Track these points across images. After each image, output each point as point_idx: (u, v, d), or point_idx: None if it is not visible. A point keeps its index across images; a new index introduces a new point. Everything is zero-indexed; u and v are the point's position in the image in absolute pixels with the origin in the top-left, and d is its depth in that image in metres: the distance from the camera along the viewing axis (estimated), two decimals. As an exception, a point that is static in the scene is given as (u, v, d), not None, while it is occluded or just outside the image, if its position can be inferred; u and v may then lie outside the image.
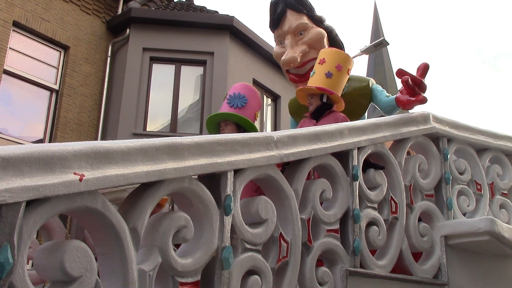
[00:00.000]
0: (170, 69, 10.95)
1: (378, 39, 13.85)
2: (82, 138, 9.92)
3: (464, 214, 3.61)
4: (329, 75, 3.59)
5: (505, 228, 3.28)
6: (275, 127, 12.26)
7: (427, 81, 3.56)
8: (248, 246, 2.24)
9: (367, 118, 4.07)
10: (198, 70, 11.10)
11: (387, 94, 4.05)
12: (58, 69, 10.14)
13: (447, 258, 3.28)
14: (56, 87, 9.99)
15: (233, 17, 11.15)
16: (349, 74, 3.80)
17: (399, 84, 3.65)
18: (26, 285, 1.46)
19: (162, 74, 10.90)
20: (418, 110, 3.67)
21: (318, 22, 4.34)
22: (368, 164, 3.11)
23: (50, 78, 9.98)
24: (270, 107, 12.60)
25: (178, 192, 2.02)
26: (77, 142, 1.70)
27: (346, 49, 4.48)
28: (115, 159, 1.74)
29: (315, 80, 3.64)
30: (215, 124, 3.65)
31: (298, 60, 4.13)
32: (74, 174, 1.58)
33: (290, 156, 2.55)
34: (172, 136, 9.67)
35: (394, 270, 3.03)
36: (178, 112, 10.83)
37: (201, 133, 10.21)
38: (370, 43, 13.50)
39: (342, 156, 2.93)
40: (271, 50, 4.78)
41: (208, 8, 11.90)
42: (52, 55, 10.09)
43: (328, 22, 4.44)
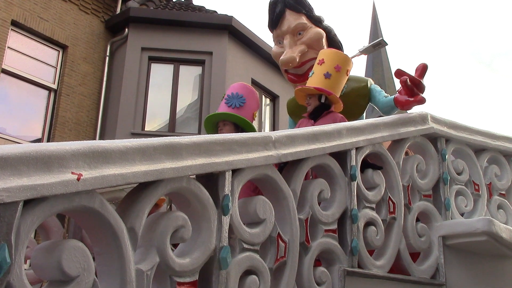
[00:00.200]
0: (169, 68, 10.94)
1: (377, 40, 13.87)
2: (80, 138, 9.90)
3: (462, 215, 3.62)
4: (327, 76, 3.60)
5: (502, 228, 3.28)
6: (274, 127, 12.25)
7: (426, 81, 3.57)
8: (246, 246, 2.24)
9: (366, 118, 4.07)
10: (196, 70, 11.09)
11: (386, 94, 4.05)
12: (57, 68, 10.12)
13: (445, 259, 3.28)
14: (54, 87, 9.98)
15: (231, 17, 11.15)
16: (348, 75, 3.80)
17: (398, 84, 3.66)
18: (23, 284, 1.46)
19: (161, 73, 10.89)
20: (416, 110, 3.68)
21: (317, 22, 4.34)
22: (366, 164, 3.11)
23: (49, 77, 9.96)
24: (268, 107, 12.60)
25: (176, 191, 2.02)
26: (75, 141, 1.69)
27: (344, 49, 4.48)
28: (113, 159, 1.74)
29: (314, 80, 3.65)
30: (213, 124, 3.65)
31: (297, 60, 4.13)
32: (72, 173, 1.58)
33: (288, 156, 2.55)
34: (170, 136, 9.67)
35: (392, 270, 3.03)
36: (177, 112, 10.82)
37: (199, 133, 10.20)
38: (369, 43, 13.50)
39: (340, 156, 2.93)
40: (270, 50, 4.78)
41: (206, 7, 11.89)
42: (50, 55, 10.07)
43: (327, 22, 4.45)
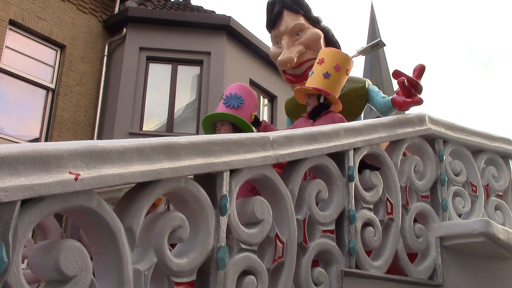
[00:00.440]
0: (167, 68, 10.93)
1: (375, 40, 13.89)
2: (78, 137, 9.89)
3: (459, 216, 3.62)
4: (326, 76, 3.59)
5: (500, 229, 3.29)
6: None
7: (423, 82, 3.57)
8: (243, 246, 2.24)
9: (363, 119, 4.08)
10: (194, 70, 11.09)
11: (383, 95, 4.05)
12: (55, 68, 10.11)
13: (442, 259, 3.29)
14: (52, 86, 9.96)
15: (230, 17, 11.15)
16: (348, 75, 3.79)
17: (395, 85, 3.66)
18: (20, 284, 1.46)
19: (159, 73, 10.88)
20: (414, 111, 3.68)
21: (315, 22, 4.34)
22: (364, 165, 3.11)
23: (46, 77, 9.95)
24: (266, 108, 12.61)
25: (174, 192, 2.02)
26: (72, 141, 1.69)
27: (342, 50, 4.48)
28: (111, 159, 1.74)
29: (313, 80, 3.64)
30: (211, 124, 3.65)
31: (295, 60, 4.13)
32: (70, 173, 1.58)
33: (286, 156, 2.55)
34: (168, 136, 9.66)
35: (389, 271, 3.03)
36: (175, 112, 10.82)
37: (197, 133, 10.20)
38: (367, 44, 13.52)
39: (338, 156, 2.94)
40: (268, 50, 4.78)
41: (205, 8, 11.90)
42: (48, 54, 10.06)
43: (324, 22, 4.45)
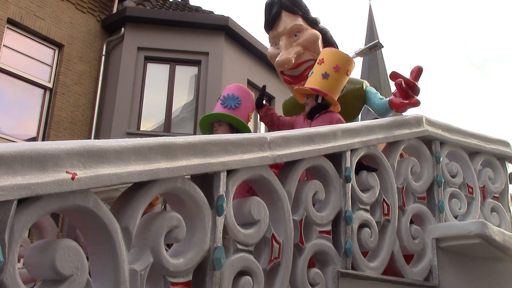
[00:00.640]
0: (165, 68, 10.93)
1: (373, 42, 13.90)
2: (75, 137, 9.88)
3: (455, 217, 3.63)
4: (325, 76, 3.57)
5: (496, 231, 3.29)
6: (269, 128, 12.23)
7: (421, 84, 3.58)
8: (240, 246, 2.24)
9: (361, 120, 4.08)
10: (192, 70, 11.08)
11: (381, 96, 4.06)
12: (52, 67, 10.09)
13: (438, 261, 3.29)
14: (50, 85, 9.95)
15: (228, 17, 11.15)
16: (349, 76, 3.78)
17: (393, 86, 3.66)
18: (16, 283, 1.46)
19: (157, 73, 10.87)
20: (411, 112, 3.69)
21: (313, 23, 4.34)
22: (361, 166, 3.12)
23: (44, 76, 9.93)
24: (264, 108, 12.58)
25: (170, 192, 2.02)
26: (70, 140, 1.69)
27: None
28: (108, 158, 1.74)
29: (312, 80, 3.64)
30: (209, 124, 3.65)
31: (293, 61, 4.13)
32: (67, 172, 1.58)
33: (283, 157, 2.55)
34: (166, 136, 9.66)
35: (385, 272, 3.04)
36: (172, 112, 10.81)
37: (195, 133, 10.20)
38: (365, 46, 13.55)
39: (335, 157, 2.94)
40: (266, 51, 4.78)
41: (203, 8, 11.88)
42: (46, 53, 10.04)
43: (323, 24, 4.45)
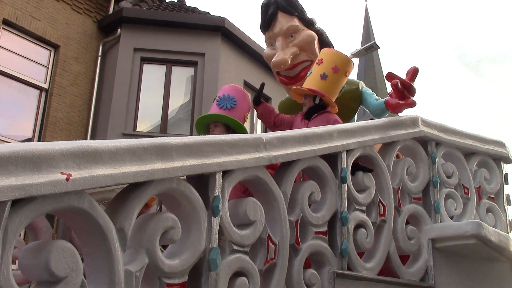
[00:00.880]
0: (161, 69, 10.91)
1: (369, 43, 13.93)
2: (71, 138, 9.84)
3: (451, 218, 3.64)
4: (323, 77, 3.57)
5: (491, 231, 3.30)
6: (266, 129, 12.25)
7: (416, 84, 3.58)
8: (235, 247, 2.24)
9: (357, 121, 4.09)
10: (189, 71, 11.07)
11: (377, 97, 4.06)
12: (48, 68, 10.06)
13: (434, 261, 3.30)
14: (45, 86, 9.92)
15: (224, 18, 11.14)
16: (347, 77, 3.78)
17: (389, 87, 3.67)
18: (10, 285, 1.45)
19: (153, 74, 10.86)
20: (407, 113, 3.69)
21: (309, 24, 4.35)
22: (357, 166, 3.12)
23: (40, 77, 9.91)
24: (260, 109, 12.58)
25: (166, 192, 2.02)
26: (64, 141, 1.68)
27: (337, 52, 4.47)
28: (103, 159, 1.73)
29: (310, 81, 3.63)
30: (205, 125, 3.64)
31: (289, 62, 4.13)
32: (61, 173, 1.57)
33: (279, 157, 2.55)
34: (162, 137, 9.63)
35: (381, 272, 3.04)
36: (169, 112, 10.80)
37: (191, 134, 10.18)
38: (361, 47, 13.56)
39: (331, 158, 2.94)
40: (262, 52, 4.78)
41: (200, 9, 11.88)
42: (42, 54, 10.02)
43: (319, 24, 4.45)
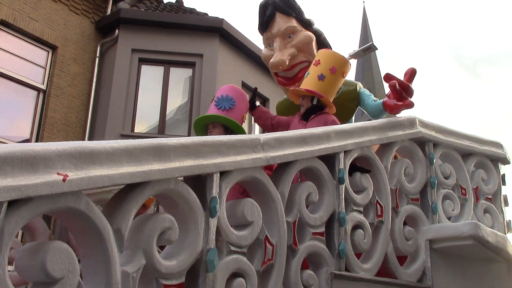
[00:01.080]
0: (159, 70, 10.90)
1: (367, 44, 13.93)
2: (69, 139, 9.82)
3: (449, 218, 3.64)
4: (321, 78, 3.57)
5: (489, 232, 3.31)
6: (263, 130, 12.24)
7: (414, 86, 3.58)
8: (233, 248, 2.24)
9: (354, 122, 4.08)
10: (187, 72, 11.07)
11: (375, 98, 4.06)
12: (46, 69, 10.04)
13: (432, 262, 3.30)
14: (43, 87, 9.90)
15: (222, 19, 11.14)
16: (345, 77, 3.78)
17: (387, 88, 3.67)
18: (6, 286, 1.44)
19: (151, 75, 10.85)
20: (404, 114, 3.70)
21: (307, 25, 4.35)
22: (354, 167, 3.12)
23: (38, 78, 9.88)
24: (258, 110, 12.57)
25: (163, 193, 2.01)
26: (61, 142, 1.68)
27: (334, 53, 4.47)
28: (100, 160, 1.73)
29: (307, 82, 3.63)
30: (203, 126, 3.64)
31: (287, 63, 4.13)
32: (58, 174, 1.57)
33: (277, 158, 2.55)
34: (160, 138, 9.62)
35: (379, 273, 3.04)
36: (167, 113, 10.79)
37: (189, 135, 10.17)
38: (359, 48, 13.56)
39: (329, 159, 2.94)
40: (260, 52, 4.78)
41: (198, 10, 11.87)
42: (40, 55, 9.99)
43: (317, 25, 4.46)
